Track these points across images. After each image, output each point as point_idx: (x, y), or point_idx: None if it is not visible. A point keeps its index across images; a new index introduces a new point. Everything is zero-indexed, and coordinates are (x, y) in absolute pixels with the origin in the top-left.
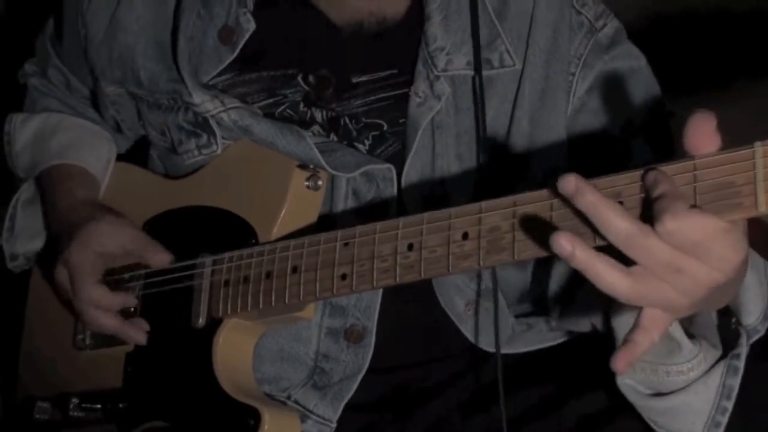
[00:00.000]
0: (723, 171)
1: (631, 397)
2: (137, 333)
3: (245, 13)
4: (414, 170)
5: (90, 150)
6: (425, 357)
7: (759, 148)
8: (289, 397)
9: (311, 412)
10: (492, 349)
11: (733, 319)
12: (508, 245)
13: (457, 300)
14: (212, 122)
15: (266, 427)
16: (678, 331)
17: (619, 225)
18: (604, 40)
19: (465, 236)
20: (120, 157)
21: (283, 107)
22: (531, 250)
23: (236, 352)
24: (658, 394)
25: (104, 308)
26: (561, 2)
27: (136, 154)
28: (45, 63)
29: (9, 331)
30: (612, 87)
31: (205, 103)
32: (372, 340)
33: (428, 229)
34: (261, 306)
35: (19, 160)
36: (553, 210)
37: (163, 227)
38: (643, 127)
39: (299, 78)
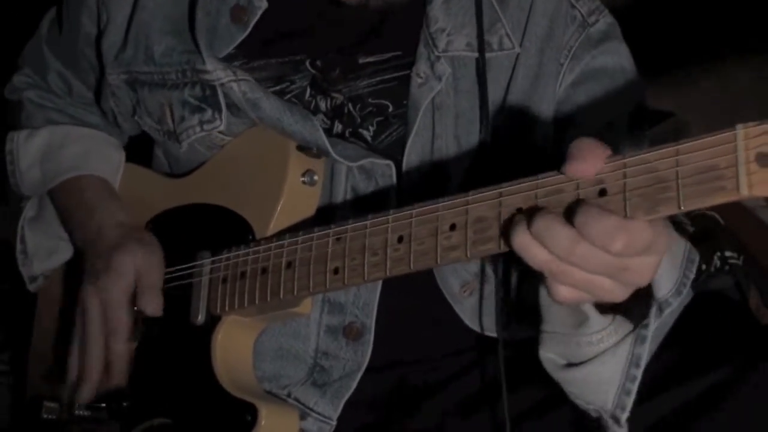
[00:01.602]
0: (705, 155)
1: (550, 369)
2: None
3: None
4: (415, 151)
5: (101, 158)
6: (426, 353)
7: (740, 130)
8: (289, 395)
9: (311, 409)
10: (492, 334)
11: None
12: (494, 235)
13: (452, 280)
14: (220, 93)
15: (263, 422)
16: (586, 304)
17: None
18: (595, 35)
19: (452, 227)
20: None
21: (288, 95)
22: None
23: (235, 349)
24: (571, 365)
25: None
26: None
27: (140, 153)
28: (43, 70)
29: (20, 333)
30: (597, 83)
31: (217, 71)
32: (371, 337)
33: (417, 222)
34: (257, 301)
35: (25, 177)
36: (537, 199)
37: (165, 226)
38: (622, 127)
39: (307, 63)
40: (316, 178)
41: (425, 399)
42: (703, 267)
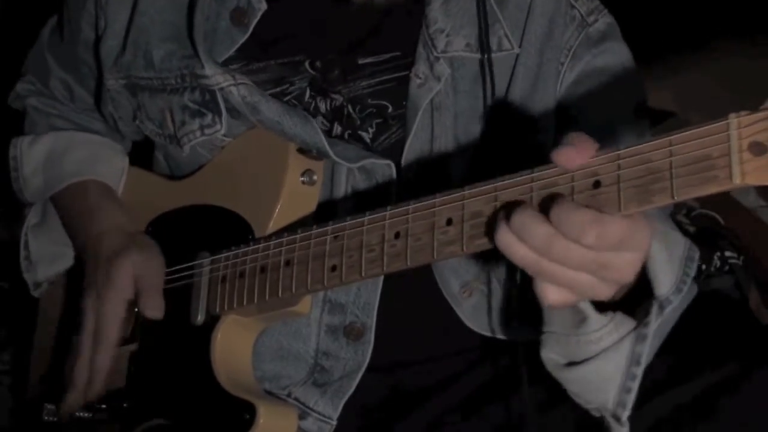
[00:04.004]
0: (698, 145)
1: (552, 369)
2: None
3: None
4: (413, 151)
5: (105, 163)
6: (427, 354)
7: (733, 120)
8: (289, 395)
9: (311, 409)
10: (500, 336)
11: None
12: (490, 230)
13: (452, 281)
14: (220, 98)
15: (261, 421)
16: (584, 303)
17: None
18: (595, 34)
19: (449, 222)
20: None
21: (288, 97)
22: None
23: (234, 348)
24: (572, 363)
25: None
26: None
27: (140, 156)
28: (45, 77)
29: (21, 332)
30: (598, 82)
31: (216, 75)
32: (371, 337)
33: (414, 217)
34: (256, 300)
35: (28, 183)
36: (533, 192)
37: (165, 227)
38: (623, 124)
39: (306, 64)
40: (315, 177)
41: (425, 399)
42: (703, 267)
